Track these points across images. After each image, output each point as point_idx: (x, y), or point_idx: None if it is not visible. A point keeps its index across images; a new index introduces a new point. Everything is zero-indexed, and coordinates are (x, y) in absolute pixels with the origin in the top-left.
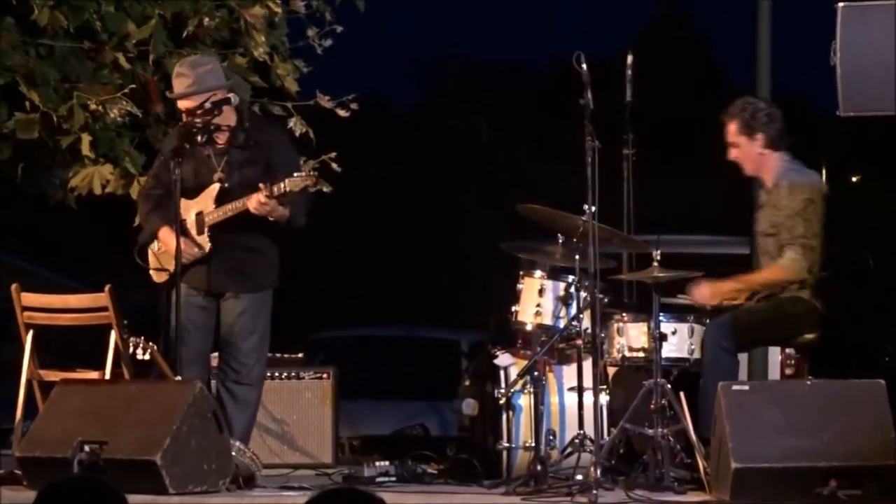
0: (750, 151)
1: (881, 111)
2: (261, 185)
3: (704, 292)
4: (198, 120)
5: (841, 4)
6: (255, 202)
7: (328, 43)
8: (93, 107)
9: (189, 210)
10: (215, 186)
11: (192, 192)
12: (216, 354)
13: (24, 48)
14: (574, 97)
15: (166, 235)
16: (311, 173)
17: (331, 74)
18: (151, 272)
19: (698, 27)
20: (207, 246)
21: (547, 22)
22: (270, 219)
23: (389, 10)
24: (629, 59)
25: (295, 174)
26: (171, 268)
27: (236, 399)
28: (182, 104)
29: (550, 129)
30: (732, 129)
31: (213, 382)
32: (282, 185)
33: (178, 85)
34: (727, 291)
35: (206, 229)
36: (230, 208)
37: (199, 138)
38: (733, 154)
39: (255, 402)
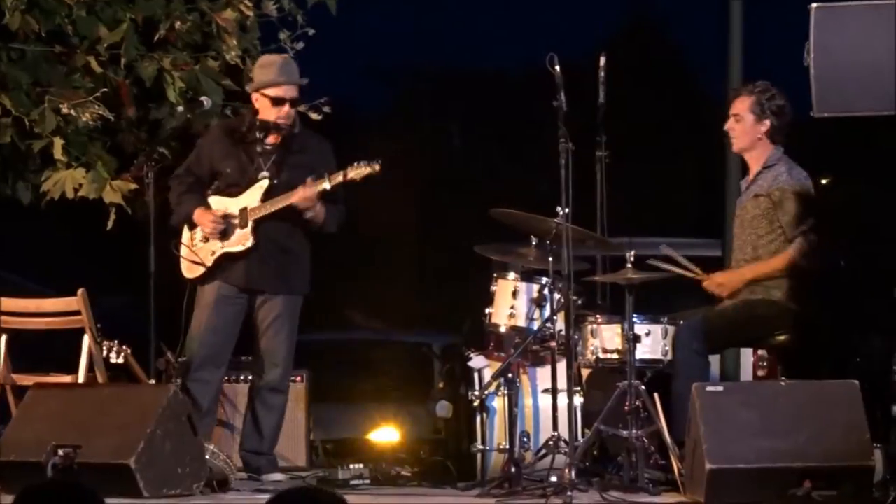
0: (751, 131)
1: (855, 112)
2: (308, 178)
3: (722, 286)
4: (284, 112)
5: (814, 6)
6: (300, 195)
7: (300, 46)
8: (65, 111)
9: (234, 205)
10: (264, 182)
11: (236, 188)
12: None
13: None
14: (546, 101)
15: (201, 216)
16: (375, 161)
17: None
18: (183, 266)
19: (671, 33)
20: (250, 241)
21: (519, 27)
22: (308, 216)
23: (358, 15)
24: (602, 60)
25: (356, 163)
26: (209, 262)
27: (269, 407)
28: (288, 92)
29: (522, 133)
30: (745, 103)
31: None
32: (342, 174)
33: (291, 72)
34: (739, 282)
35: (250, 224)
36: (278, 201)
37: (254, 135)
38: (731, 125)
39: (285, 406)
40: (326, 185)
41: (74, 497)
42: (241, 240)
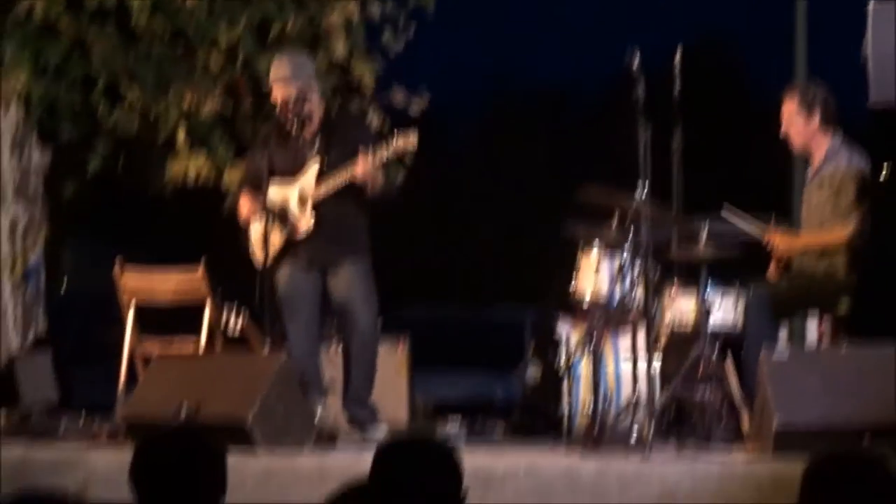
0: (805, 130)
1: None
2: (361, 153)
3: (781, 243)
4: (291, 107)
5: (872, 3)
6: (361, 169)
7: (400, 46)
8: (187, 103)
9: (290, 192)
10: (315, 168)
11: (289, 176)
12: None
13: (125, 51)
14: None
15: (244, 200)
16: (410, 133)
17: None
18: (253, 255)
19: (737, 46)
20: (311, 223)
21: (592, 46)
22: (370, 187)
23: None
24: (678, 53)
25: (393, 138)
26: (269, 252)
27: (360, 361)
28: (279, 90)
29: (598, 137)
30: (792, 107)
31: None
32: (384, 149)
33: (277, 71)
34: (800, 246)
35: (309, 208)
36: (333, 184)
37: (293, 128)
38: (785, 129)
39: (375, 356)
40: (386, 154)
41: (194, 444)
42: (304, 225)
